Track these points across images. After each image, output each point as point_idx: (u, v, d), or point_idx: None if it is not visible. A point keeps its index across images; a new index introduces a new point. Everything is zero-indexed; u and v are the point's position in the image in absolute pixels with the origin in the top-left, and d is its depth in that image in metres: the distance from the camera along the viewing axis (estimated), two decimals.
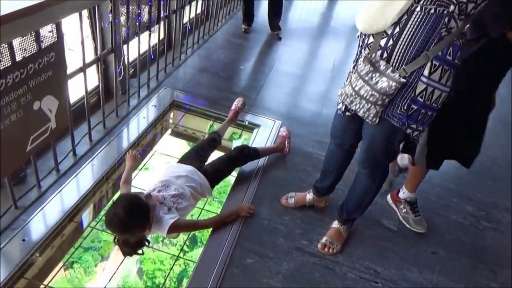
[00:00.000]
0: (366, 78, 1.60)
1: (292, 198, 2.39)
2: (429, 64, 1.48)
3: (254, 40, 4.69)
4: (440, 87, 1.54)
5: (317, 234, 2.24)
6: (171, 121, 3.27)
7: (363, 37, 1.68)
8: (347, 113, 1.81)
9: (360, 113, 1.68)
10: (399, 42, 1.50)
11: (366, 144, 1.86)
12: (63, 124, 2.08)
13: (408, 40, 1.48)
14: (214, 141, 2.57)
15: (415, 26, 1.46)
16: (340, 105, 1.82)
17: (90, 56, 2.42)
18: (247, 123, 3.13)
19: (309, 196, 2.37)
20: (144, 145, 2.89)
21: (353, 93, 1.68)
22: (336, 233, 2.21)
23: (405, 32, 1.48)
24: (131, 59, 2.91)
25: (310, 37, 5.20)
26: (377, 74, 1.57)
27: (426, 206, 2.55)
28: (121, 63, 2.62)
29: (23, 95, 1.71)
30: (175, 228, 1.92)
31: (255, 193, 2.43)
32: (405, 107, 1.58)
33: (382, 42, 1.56)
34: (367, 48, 1.63)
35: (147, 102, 3.09)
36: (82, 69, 2.22)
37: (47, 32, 1.86)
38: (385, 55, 1.56)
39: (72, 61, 2.21)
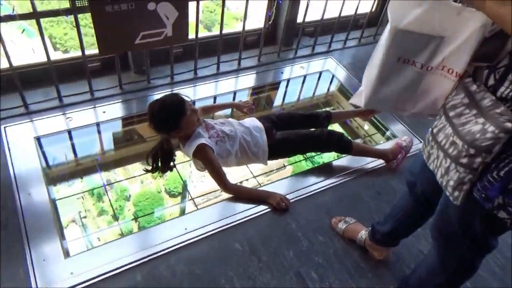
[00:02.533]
0: (452, 114, 0.99)
1: (346, 224, 1.84)
2: None
3: None
4: None
5: (337, 279, 1.68)
6: (307, 87, 2.97)
7: None
8: None
9: (438, 177, 1.07)
10: None
11: (439, 207, 1.22)
12: (180, 37, 2.22)
13: None
14: (314, 118, 2.19)
15: None
16: None
17: None
18: (382, 127, 2.53)
19: (363, 234, 1.77)
20: (259, 99, 2.81)
21: (430, 139, 1.09)
22: None
23: None
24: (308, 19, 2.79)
25: None
26: (473, 112, 0.94)
27: None
28: (273, 8, 2.53)
29: None
30: (201, 153, 1.79)
31: (316, 193, 2.00)
32: (502, 173, 0.91)
33: None
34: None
35: (300, 61, 2.93)
36: None
37: None
38: (491, 81, 0.91)
39: None
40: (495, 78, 0.92)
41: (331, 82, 2.98)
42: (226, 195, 1.94)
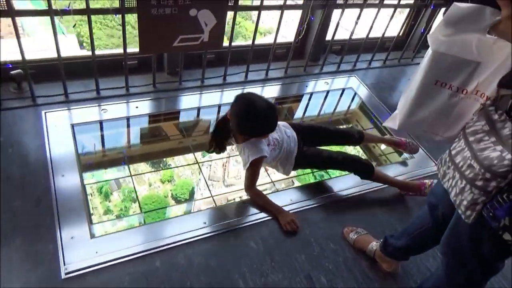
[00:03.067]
0: (472, 139, 1.06)
1: (357, 234, 1.90)
2: None
3: None
4: None
5: (345, 286, 1.74)
6: (329, 102, 3.07)
7: None
8: None
9: (452, 196, 1.13)
10: None
11: (451, 223, 1.29)
12: (215, 43, 2.35)
13: None
14: (346, 137, 2.24)
15: None
16: None
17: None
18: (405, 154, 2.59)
19: (374, 245, 1.83)
20: (282, 109, 2.91)
21: (448, 159, 1.15)
22: None
23: None
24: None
25: None
26: (492, 139, 1.01)
27: None
28: (305, 24, 2.65)
29: None
30: (259, 162, 1.84)
31: (330, 202, 2.07)
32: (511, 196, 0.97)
33: None
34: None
35: (325, 77, 3.03)
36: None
37: None
38: None
39: None
40: None
41: (352, 100, 3.06)
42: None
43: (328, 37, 2.97)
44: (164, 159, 3.32)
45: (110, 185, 3.67)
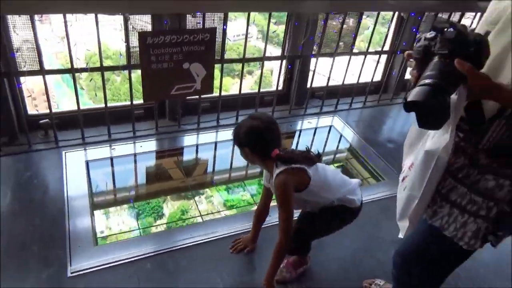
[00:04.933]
0: (460, 176, 1.13)
1: (377, 286, 1.92)
2: None
3: None
4: None
5: None
6: (315, 142, 3.39)
7: None
8: None
9: (450, 231, 1.18)
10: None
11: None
12: (206, 90, 2.82)
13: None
14: None
15: None
16: None
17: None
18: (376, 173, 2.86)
19: None
20: None
21: (438, 200, 1.21)
22: None
23: None
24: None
25: None
26: (476, 171, 1.10)
27: None
28: (284, 74, 3.09)
29: (176, 54, 2.57)
30: None
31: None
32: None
33: None
34: None
35: (309, 118, 3.42)
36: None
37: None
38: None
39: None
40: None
41: (339, 140, 3.37)
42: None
43: (308, 84, 3.41)
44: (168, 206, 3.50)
45: None
